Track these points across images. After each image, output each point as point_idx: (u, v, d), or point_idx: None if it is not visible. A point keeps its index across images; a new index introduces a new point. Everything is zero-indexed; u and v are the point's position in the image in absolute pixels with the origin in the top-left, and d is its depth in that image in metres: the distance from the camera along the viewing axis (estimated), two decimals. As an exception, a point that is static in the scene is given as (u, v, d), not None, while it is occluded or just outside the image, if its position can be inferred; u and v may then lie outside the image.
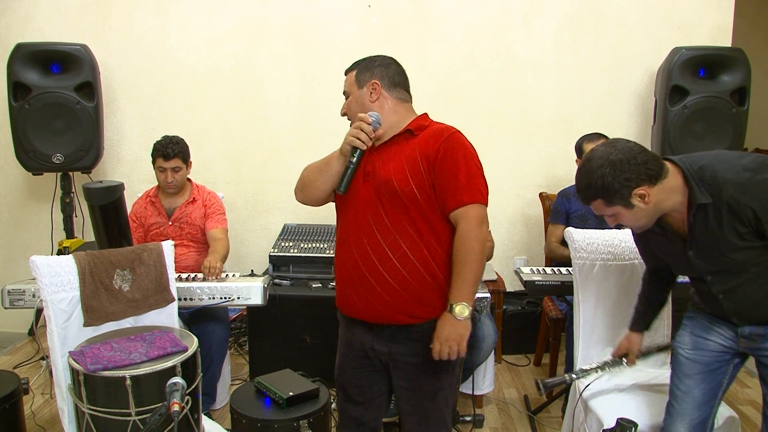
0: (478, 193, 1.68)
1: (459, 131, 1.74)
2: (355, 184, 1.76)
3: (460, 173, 1.66)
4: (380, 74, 1.80)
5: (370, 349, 1.80)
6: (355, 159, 1.72)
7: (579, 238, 2.34)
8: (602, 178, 1.61)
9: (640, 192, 1.61)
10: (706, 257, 1.70)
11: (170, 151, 2.85)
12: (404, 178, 1.67)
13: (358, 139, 1.69)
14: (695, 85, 3.22)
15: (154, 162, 2.90)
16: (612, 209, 1.67)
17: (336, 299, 1.88)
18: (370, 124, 1.71)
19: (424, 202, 1.68)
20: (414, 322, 1.73)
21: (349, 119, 1.85)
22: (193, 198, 3.00)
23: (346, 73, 1.86)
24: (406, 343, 1.75)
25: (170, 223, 2.95)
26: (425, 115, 1.84)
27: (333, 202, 1.88)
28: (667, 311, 2.27)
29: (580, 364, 2.33)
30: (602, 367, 2.06)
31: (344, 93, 1.86)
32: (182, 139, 2.94)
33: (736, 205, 1.58)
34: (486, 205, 1.70)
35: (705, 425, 1.83)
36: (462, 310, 1.64)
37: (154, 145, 2.90)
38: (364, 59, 1.85)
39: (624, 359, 2.03)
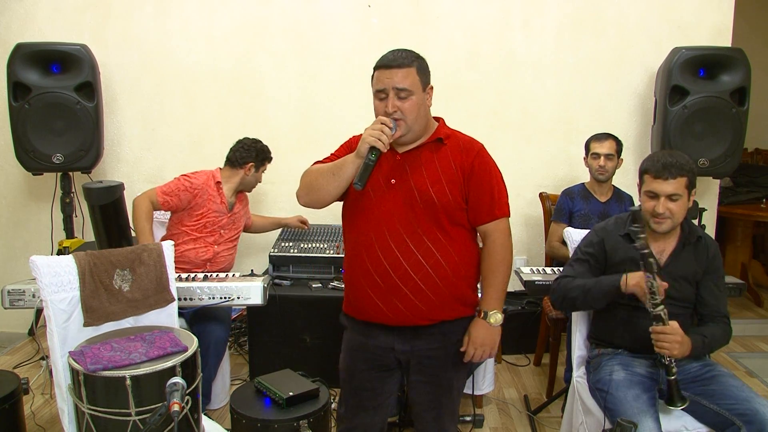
0: (506, 206, 1.80)
1: (483, 145, 1.80)
2: (378, 190, 1.73)
3: (493, 189, 1.76)
4: (430, 76, 1.74)
5: (389, 350, 1.80)
6: (374, 157, 1.65)
7: (578, 238, 2.34)
8: (694, 167, 2.02)
9: (693, 192, 2.02)
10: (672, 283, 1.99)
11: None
12: (443, 189, 1.70)
13: (380, 141, 1.62)
14: (695, 85, 3.22)
15: (261, 166, 3.11)
16: (683, 192, 1.98)
17: (346, 305, 1.87)
18: (390, 128, 1.66)
19: (456, 211, 1.73)
20: (437, 323, 1.76)
21: (395, 120, 1.68)
22: (240, 197, 3.13)
23: (401, 66, 1.66)
24: (428, 338, 1.77)
25: (229, 215, 3.01)
26: (443, 120, 1.83)
27: (340, 201, 1.84)
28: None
29: (576, 364, 2.33)
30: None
31: (403, 89, 1.66)
32: None
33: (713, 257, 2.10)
34: (509, 216, 1.82)
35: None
36: (497, 318, 1.76)
37: (260, 148, 3.09)
38: (415, 54, 1.71)
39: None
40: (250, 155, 3.03)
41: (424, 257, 1.70)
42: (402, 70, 1.67)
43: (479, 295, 1.83)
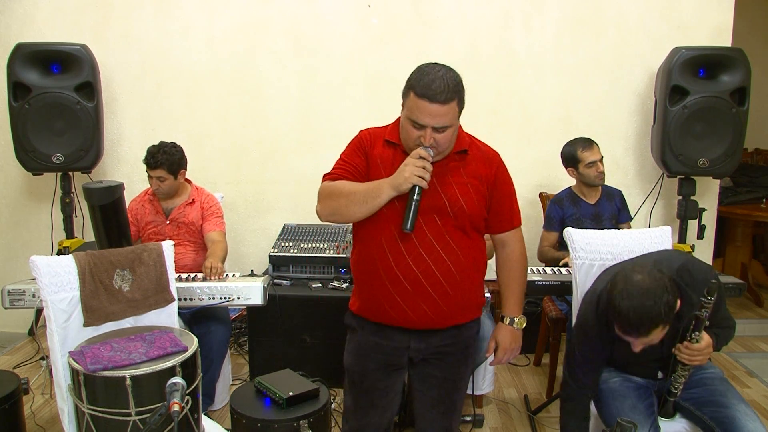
0: (520, 216, 1.89)
1: (499, 154, 1.85)
2: (398, 202, 1.69)
3: (512, 199, 1.85)
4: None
5: (405, 349, 1.79)
6: (417, 197, 1.62)
7: (578, 238, 2.34)
8: (668, 304, 1.68)
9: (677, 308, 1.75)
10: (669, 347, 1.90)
11: (154, 161, 2.81)
12: (472, 200, 1.73)
13: (423, 179, 1.60)
14: (695, 85, 3.22)
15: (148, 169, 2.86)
16: (663, 332, 1.73)
17: (359, 308, 1.83)
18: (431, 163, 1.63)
19: (480, 220, 1.78)
20: (453, 326, 1.80)
21: (431, 152, 1.64)
22: (192, 199, 2.97)
23: (445, 101, 1.60)
24: (442, 336, 1.79)
25: (168, 222, 2.93)
26: (460, 126, 1.77)
27: None
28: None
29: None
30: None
31: (442, 127, 1.62)
32: (173, 148, 2.86)
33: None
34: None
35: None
36: (522, 322, 1.88)
37: (147, 150, 2.85)
38: (457, 80, 1.64)
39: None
40: None
41: (453, 263, 1.71)
42: (445, 107, 1.60)
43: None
